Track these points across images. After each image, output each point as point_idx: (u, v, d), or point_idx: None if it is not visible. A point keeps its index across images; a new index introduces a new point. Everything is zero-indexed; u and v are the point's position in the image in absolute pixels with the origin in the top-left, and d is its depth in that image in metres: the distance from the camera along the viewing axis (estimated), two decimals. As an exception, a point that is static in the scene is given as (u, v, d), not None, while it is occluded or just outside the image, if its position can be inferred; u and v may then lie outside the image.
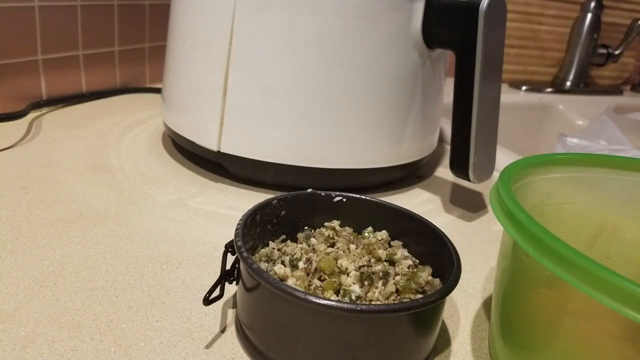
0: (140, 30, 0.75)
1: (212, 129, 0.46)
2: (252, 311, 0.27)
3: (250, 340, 0.28)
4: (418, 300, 0.25)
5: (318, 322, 0.25)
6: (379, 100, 0.45)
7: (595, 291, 0.19)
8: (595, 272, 0.19)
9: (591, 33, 1.00)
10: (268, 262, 0.30)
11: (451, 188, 0.53)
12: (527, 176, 0.30)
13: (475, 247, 0.42)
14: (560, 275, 0.21)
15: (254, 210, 0.31)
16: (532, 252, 0.22)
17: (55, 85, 0.65)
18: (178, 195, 0.45)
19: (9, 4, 0.57)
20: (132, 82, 0.76)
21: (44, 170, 0.46)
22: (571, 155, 0.32)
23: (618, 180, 0.32)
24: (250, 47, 0.43)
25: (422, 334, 0.27)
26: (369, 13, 0.42)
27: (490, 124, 0.45)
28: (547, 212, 0.31)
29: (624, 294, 0.18)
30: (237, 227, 0.29)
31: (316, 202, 0.34)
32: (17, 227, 0.37)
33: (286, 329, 0.26)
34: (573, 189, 0.32)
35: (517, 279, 0.27)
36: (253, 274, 0.26)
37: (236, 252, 0.27)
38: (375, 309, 0.24)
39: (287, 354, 0.26)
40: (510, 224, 0.24)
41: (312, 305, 0.24)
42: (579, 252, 0.20)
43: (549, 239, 0.21)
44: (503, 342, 0.28)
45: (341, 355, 0.25)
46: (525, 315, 0.26)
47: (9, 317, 0.28)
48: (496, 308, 0.29)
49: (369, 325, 0.24)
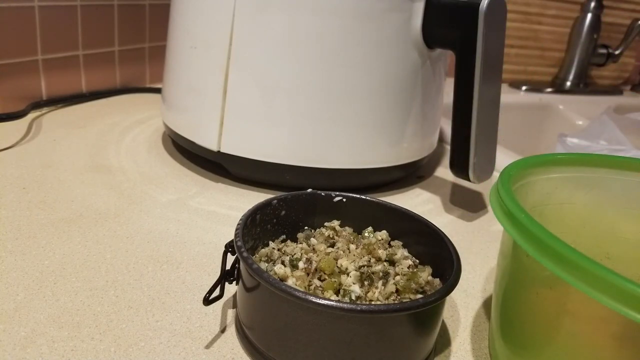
0: (140, 30, 0.75)
1: (212, 129, 0.46)
2: (252, 311, 0.27)
3: (250, 340, 0.28)
4: (418, 300, 0.25)
5: (318, 322, 0.25)
6: (379, 100, 0.45)
7: (595, 291, 0.19)
8: (595, 272, 0.19)
9: (591, 33, 1.00)
10: (268, 262, 0.30)
11: (451, 188, 0.53)
12: (527, 176, 0.30)
13: (475, 247, 0.42)
14: (560, 275, 0.21)
15: (254, 210, 0.31)
16: (532, 252, 0.22)
17: (55, 85, 0.65)
18: (178, 195, 0.45)
19: (9, 4, 0.57)
20: (132, 82, 0.76)
21: (44, 170, 0.46)
22: (571, 155, 0.32)
23: (618, 180, 0.32)
24: (250, 47, 0.43)
25: (422, 334, 0.27)
26: (369, 13, 0.42)
27: (490, 124, 0.45)
28: (547, 212, 0.31)
29: (624, 294, 0.18)
30: (237, 227, 0.29)
31: (316, 202, 0.34)
32: (17, 227, 0.37)
33: (286, 329, 0.26)
34: (573, 189, 0.32)
35: (517, 279, 0.27)
36: (253, 274, 0.26)
37: (236, 252, 0.27)
38: (375, 309, 0.24)
39: (287, 354, 0.26)
40: (510, 224, 0.24)
41: (312, 305, 0.24)
42: (578, 252, 0.20)
43: (549, 239, 0.21)
44: (503, 342, 0.28)
45: (341, 355, 0.25)
46: (525, 315, 0.26)
47: (9, 317, 0.28)
48: (496, 308, 0.29)
49: (369, 325, 0.24)
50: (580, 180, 0.32)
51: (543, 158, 0.31)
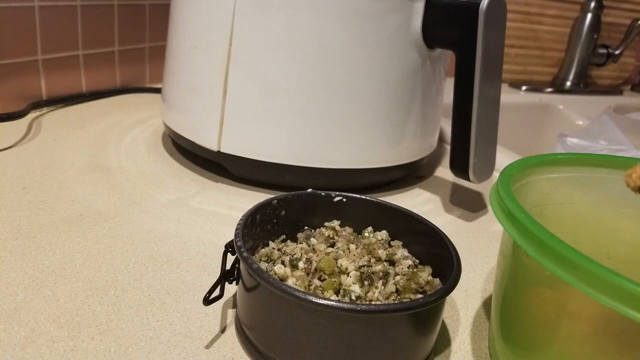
0: (140, 30, 0.75)
1: (212, 129, 0.46)
2: (252, 311, 0.27)
3: (250, 340, 0.28)
4: (418, 300, 0.25)
5: (318, 322, 0.25)
6: (379, 100, 0.45)
7: (595, 291, 0.19)
8: (595, 272, 0.19)
9: (591, 33, 1.00)
10: (268, 262, 0.30)
11: (451, 188, 0.53)
12: (527, 176, 0.30)
13: (475, 247, 0.42)
14: (560, 275, 0.21)
15: (254, 210, 0.31)
16: (532, 252, 0.22)
17: (55, 85, 0.65)
18: (178, 195, 0.45)
19: (9, 4, 0.57)
20: (132, 82, 0.76)
21: (44, 170, 0.46)
22: (571, 155, 0.32)
23: (618, 181, 0.32)
24: (250, 47, 0.43)
25: (422, 334, 0.27)
26: (369, 13, 0.42)
27: (490, 124, 0.45)
28: (547, 212, 0.31)
29: (624, 294, 0.18)
30: (237, 227, 0.29)
31: (316, 202, 0.34)
32: (17, 227, 0.37)
33: (286, 328, 0.26)
34: (573, 189, 0.32)
35: (517, 279, 0.27)
36: (253, 274, 0.26)
37: (236, 252, 0.27)
38: (375, 309, 0.24)
39: (287, 354, 0.26)
40: (510, 224, 0.24)
41: (311, 305, 0.24)
42: (578, 252, 0.20)
43: (549, 239, 0.21)
44: (503, 342, 0.28)
45: (341, 355, 0.25)
46: (526, 316, 0.26)
47: (9, 317, 0.28)
48: (496, 308, 0.29)
49: (369, 325, 0.24)
50: (580, 180, 0.32)
51: (543, 158, 0.31)
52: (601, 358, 0.22)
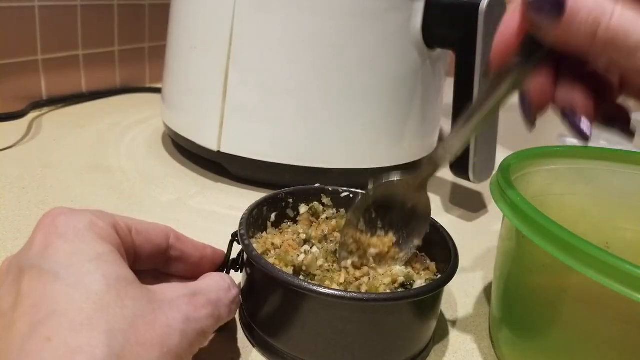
0: (140, 30, 0.75)
1: (212, 129, 0.46)
2: (252, 296, 0.28)
3: (251, 326, 0.28)
4: (415, 289, 0.25)
5: (311, 308, 0.25)
6: (378, 100, 0.45)
7: (597, 273, 0.20)
8: (595, 255, 0.20)
9: (591, 33, 1.00)
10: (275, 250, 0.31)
11: (451, 188, 0.53)
12: (527, 167, 0.31)
13: (475, 247, 0.42)
14: (560, 258, 0.21)
15: (260, 202, 0.32)
16: (532, 235, 0.22)
17: (55, 85, 0.65)
18: (178, 195, 0.45)
19: (9, 4, 0.57)
20: (132, 82, 0.76)
21: (44, 170, 0.46)
22: (570, 148, 0.33)
23: (617, 173, 0.32)
24: (250, 47, 0.43)
25: (419, 323, 0.27)
26: (369, 13, 0.42)
27: (490, 124, 0.45)
28: (548, 202, 0.31)
29: (625, 276, 0.19)
30: (242, 217, 0.30)
31: (323, 196, 0.35)
32: (17, 227, 0.37)
33: (282, 313, 0.26)
34: (573, 181, 0.33)
35: (519, 264, 0.27)
36: (253, 261, 0.26)
37: (239, 240, 0.28)
38: (373, 297, 0.24)
39: (285, 340, 0.26)
40: (510, 210, 0.25)
41: (305, 291, 0.24)
42: (578, 236, 0.21)
43: (548, 223, 0.22)
44: (505, 327, 0.28)
45: (335, 342, 0.25)
46: (527, 299, 0.26)
47: (9, 316, 0.28)
48: (497, 293, 0.29)
49: (362, 313, 0.25)
50: (581, 172, 0.33)
51: (543, 150, 0.32)
52: (603, 340, 0.22)
